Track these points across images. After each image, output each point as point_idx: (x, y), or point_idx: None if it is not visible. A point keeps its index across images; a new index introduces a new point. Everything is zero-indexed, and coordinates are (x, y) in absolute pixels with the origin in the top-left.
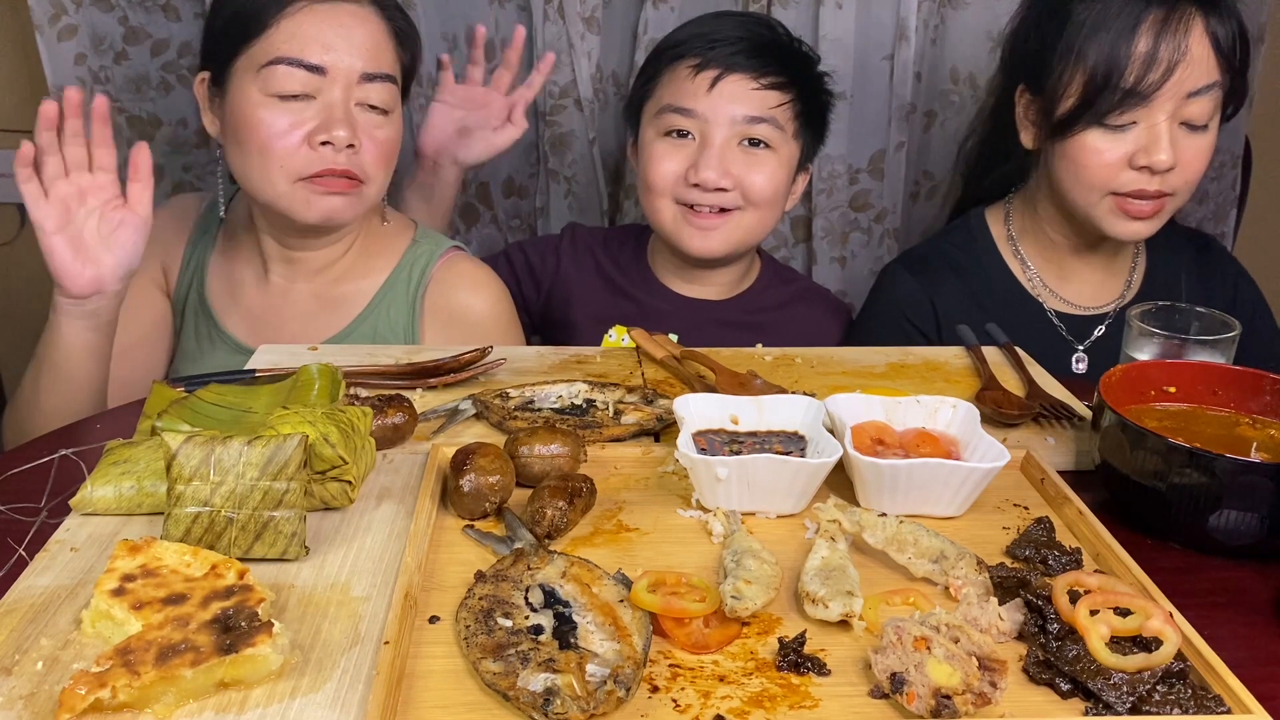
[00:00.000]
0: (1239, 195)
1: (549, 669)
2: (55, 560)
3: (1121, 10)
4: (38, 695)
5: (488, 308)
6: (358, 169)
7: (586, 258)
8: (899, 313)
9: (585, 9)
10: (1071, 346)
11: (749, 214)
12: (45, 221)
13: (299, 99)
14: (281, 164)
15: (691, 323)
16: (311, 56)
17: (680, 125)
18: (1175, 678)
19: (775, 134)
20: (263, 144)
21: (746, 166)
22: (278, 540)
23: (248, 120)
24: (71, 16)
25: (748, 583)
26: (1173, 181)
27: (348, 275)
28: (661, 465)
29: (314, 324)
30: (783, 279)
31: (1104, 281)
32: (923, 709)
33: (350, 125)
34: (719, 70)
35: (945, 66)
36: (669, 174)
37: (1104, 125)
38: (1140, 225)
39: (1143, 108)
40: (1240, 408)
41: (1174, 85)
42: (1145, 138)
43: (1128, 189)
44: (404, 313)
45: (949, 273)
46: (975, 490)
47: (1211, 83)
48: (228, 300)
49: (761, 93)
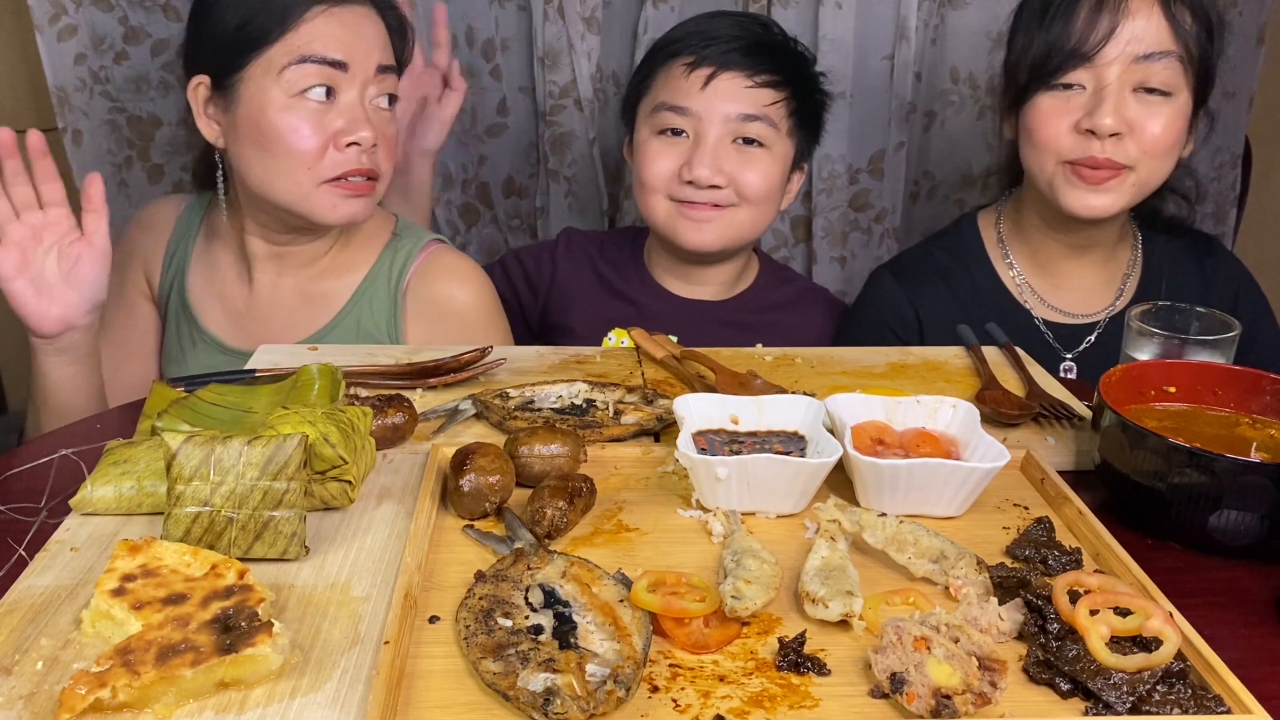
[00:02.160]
0: (1239, 195)
1: (549, 669)
2: (55, 560)
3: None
4: (38, 695)
5: (471, 299)
6: (375, 166)
7: (583, 261)
8: (881, 320)
9: (585, 9)
10: (1059, 355)
11: (742, 210)
12: (3, 268)
13: (324, 96)
14: (310, 166)
15: (690, 324)
16: (333, 53)
17: (674, 123)
18: (1175, 678)
19: (769, 132)
20: (289, 148)
21: (740, 164)
22: (278, 540)
23: (272, 124)
24: (71, 16)
25: (748, 583)
26: (1129, 151)
27: (330, 271)
28: (661, 465)
29: (297, 321)
30: (781, 279)
31: (1095, 288)
32: (923, 709)
33: (371, 125)
34: (713, 68)
35: (945, 66)
36: (663, 171)
37: (1051, 87)
38: (1095, 198)
39: (1086, 68)
40: (1240, 408)
41: (1119, 45)
42: (1092, 101)
43: (1075, 154)
44: (386, 306)
45: (935, 279)
46: (975, 490)
47: (1165, 50)
48: (210, 301)
49: (755, 91)
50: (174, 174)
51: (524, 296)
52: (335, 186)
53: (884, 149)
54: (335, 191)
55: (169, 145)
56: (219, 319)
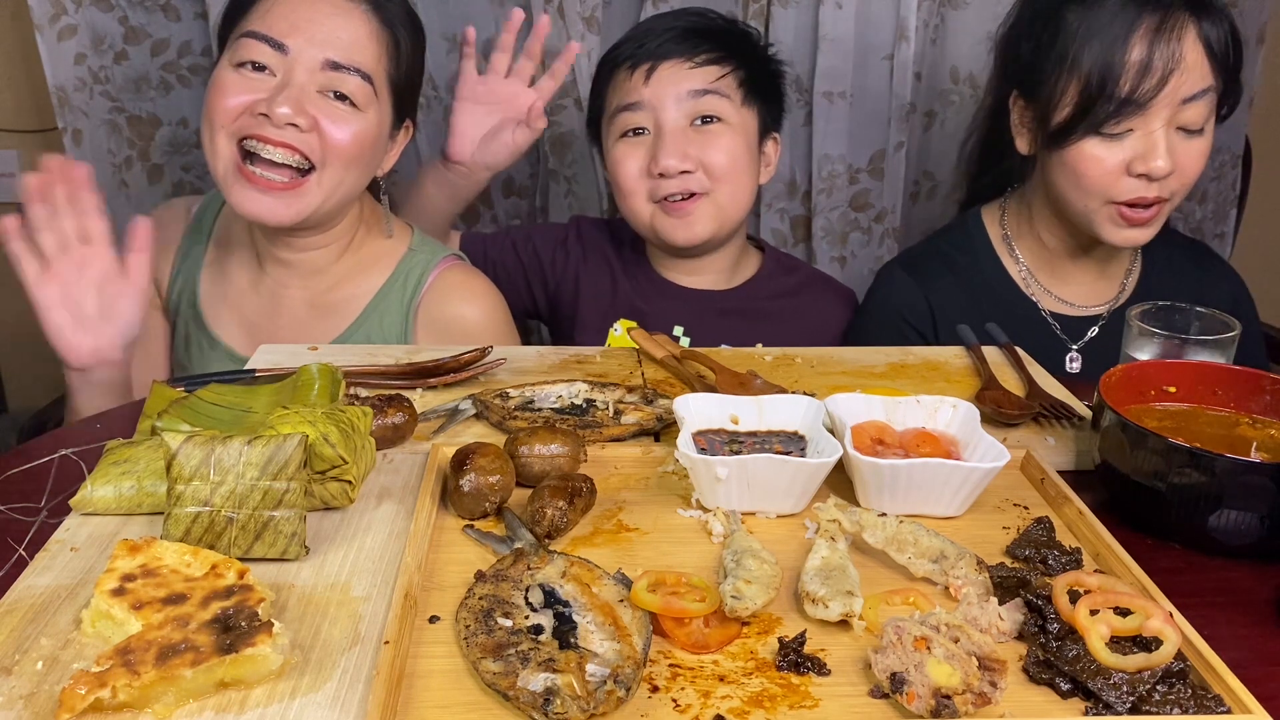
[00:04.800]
0: (1239, 195)
1: (549, 669)
2: (55, 560)
3: (1114, 18)
4: (38, 695)
5: (482, 317)
6: (306, 149)
7: (593, 251)
8: (895, 313)
9: (585, 9)
10: (1065, 346)
11: (720, 193)
12: (47, 299)
13: (259, 71)
14: (223, 126)
15: (696, 314)
16: (276, 33)
17: (633, 123)
18: (1175, 678)
19: (723, 104)
20: (211, 107)
21: (702, 145)
22: (278, 540)
23: (211, 85)
24: (71, 16)
25: (748, 583)
26: (1170, 186)
27: (343, 282)
28: (661, 465)
29: (307, 330)
30: (786, 268)
31: (1098, 282)
32: (923, 709)
33: (298, 104)
34: (652, 60)
35: (945, 66)
36: (634, 171)
37: (1100, 134)
38: (1137, 232)
39: (1139, 116)
40: (1240, 408)
41: (1169, 93)
42: (1142, 145)
43: (1126, 196)
44: (398, 321)
45: (945, 272)
46: (975, 490)
47: (1206, 88)
48: (221, 306)
49: (699, 70)
50: (174, 174)
51: (530, 273)
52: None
53: (884, 149)
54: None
55: (169, 145)
56: (230, 325)
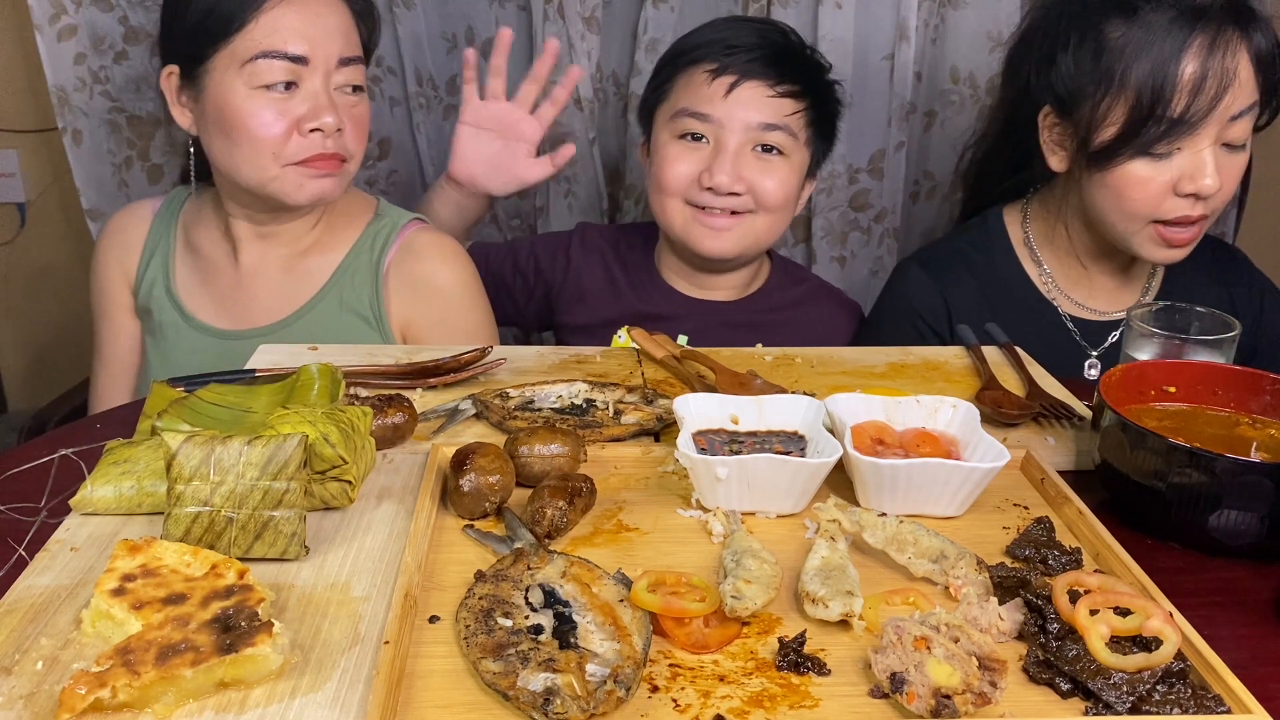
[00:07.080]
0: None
1: (549, 669)
2: (55, 560)
3: (1165, 35)
4: (38, 695)
5: (453, 277)
6: (342, 149)
7: (596, 259)
8: (912, 310)
9: (585, 9)
10: (1085, 352)
11: (760, 218)
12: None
13: (284, 89)
14: (275, 152)
15: (702, 324)
16: (293, 48)
17: (695, 129)
18: (1175, 678)
19: (788, 141)
20: (253, 135)
21: (759, 172)
22: (278, 540)
23: (236, 113)
24: (71, 16)
25: (748, 582)
26: (1213, 203)
27: (314, 248)
28: (661, 465)
29: (281, 298)
30: (794, 279)
31: (1121, 288)
32: (923, 709)
33: (334, 110)
34: (736, 76)
35: (945, 66)
36: (682, 176)
37: (1148, 155)
38: (1178, 251)
39: (1189, 136)
40: (1240, 408)
41: (1221, 111)
42: (1190, 164)
43: (1172, 216)
44: (368, 281)
45: (964, 271)
46: (975, 490)
47: (1253, 103)
48: (196, 290)
49: (777, 100)
50: (174, 174)
51: (531, 283)
52: (300, 168)
53: (884, 149)
54: (302, 171)
55: (169, 145)
56: (207, 306)
